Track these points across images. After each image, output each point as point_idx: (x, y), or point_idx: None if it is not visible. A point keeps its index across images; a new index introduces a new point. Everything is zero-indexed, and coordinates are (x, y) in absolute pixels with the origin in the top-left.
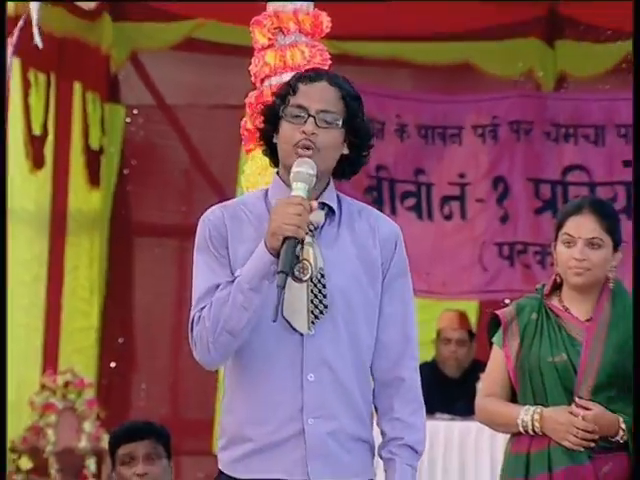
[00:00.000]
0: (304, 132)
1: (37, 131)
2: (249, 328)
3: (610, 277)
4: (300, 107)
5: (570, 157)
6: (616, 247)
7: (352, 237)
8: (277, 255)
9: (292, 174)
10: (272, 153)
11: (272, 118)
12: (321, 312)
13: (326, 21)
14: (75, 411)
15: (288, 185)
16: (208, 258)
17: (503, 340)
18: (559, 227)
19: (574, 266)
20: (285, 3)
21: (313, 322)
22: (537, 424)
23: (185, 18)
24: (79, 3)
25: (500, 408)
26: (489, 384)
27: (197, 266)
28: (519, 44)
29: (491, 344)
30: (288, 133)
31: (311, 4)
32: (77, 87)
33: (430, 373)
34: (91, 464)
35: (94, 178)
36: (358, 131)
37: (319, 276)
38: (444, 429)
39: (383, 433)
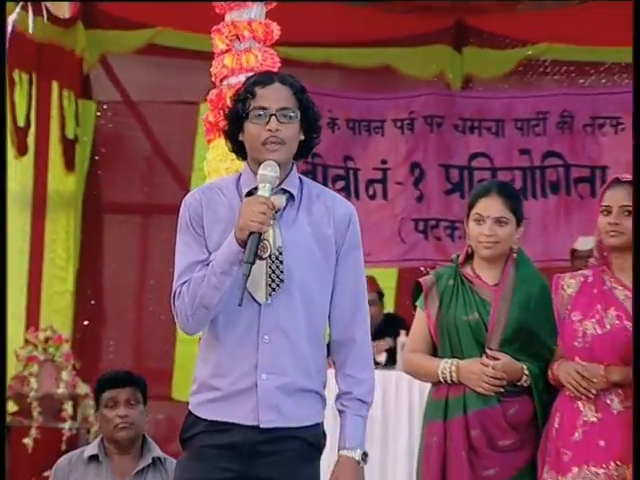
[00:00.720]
0: (270, 130)
1: (21, 123)
2: (220, 303)
3: (514, 248)
4: (262, 108)
5: (475, 146)
6: (519, 223)
7: (309, 218)
8: (244, 245)
9: (259, 175)
10: (238, 149)
11: (236, 120)
12: (278, 285)
13: (276, 29)
14: (54, 362)
15: (255, 172)
16: (187, 238)
17: (425, 303)
18: (470, 207)
19: (484, 241)
20: (241, 13)
21: (270, 294)
22: (454, 374)
23: (147, 26)
24: (56, 12)
25: (423, 361)
26: (414, 341)
27: (178, 245)
28: (432, 50)
29: (415, 307)
30: (255, 132)
31: (263, 14)
32: (55, 85)
33: None
34: (68, 407)
35: (69, 163)
36: (310, 119)
37: (277, 254)
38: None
39: (338, 388)
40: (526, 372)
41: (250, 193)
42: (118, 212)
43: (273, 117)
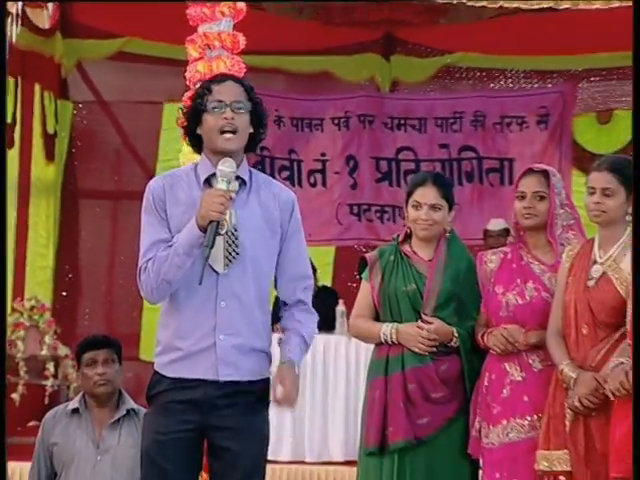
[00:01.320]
0: (226, 118)
1: (8, 120)
2: (181, 279)
3: (447, 229)
4: (219, 101)
5: (401, 141)
6: (450, 208)
7: (258, 201)
8: (204, 230)
9: (218, 171)
10: (195, 143)
11: (195, 115)
12: (234, 257)
13: (242, 40)
14: (38, 328)
15: (212, 162)
16: (152, 218)
17: (369, 276)
18: (409, 195)
19: (421, 224)
20: (212, 26)
21: (227, 265)
22: (394, 336)
23: (117, 36)
24: (37, 23)
25: (367, 325)
26: (359, 308)
27: (143, 225)
28: (364, 58)
29: (360, 279)
30: (213, 122)
31: (231, 27)
32: (37, 88)
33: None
34: (50, 367)
35: (50, 155)
36: (259, 114)
37: (233, 230)
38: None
39: (286, 328)
40: (455, 335)
41: (207, 180)
42: (92, 198)
43: (228, 108)
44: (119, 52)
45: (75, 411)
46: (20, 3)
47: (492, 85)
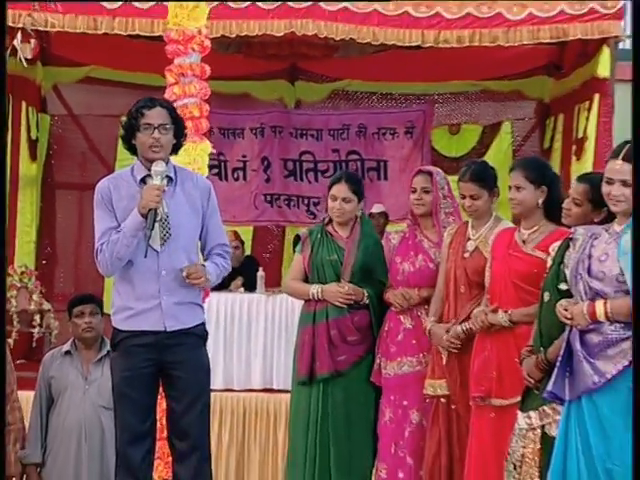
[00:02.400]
0: (154, 138)
1: None
2: (130, 255)
3: (358, 214)
4: (148, 124)
5: (304, 147)
6: (360, 200)
7: (183, 191)
8: (145, 217)
9: (152, 171)
10: (130, 148)
11: (130, 131)
12: (168, 237)
13: (207, 69)
14: (27, 288)
15: (145, 166)
16: (102, 212)
17: (302, 249)
18: (329, 189)
19: (336, 212)
20: (184, 59)
21: (163, 243)
22: (320, 294)
23: (84, 65)
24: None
25: (299, 286)
26: (293, 273)
27: (96, 217)
28: (275, 83)
29: (294, 252)
30: (144, 139)
31: (199, 59)
32: (23, 104)
33: None
34: (37, 318)
35: (33, 156)
36: (179, 129)
37: (165, 217)
38: (239, 300)
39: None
40: (366, 294)
41: (143, 179)
42: (65, 189)
43: (156, 130)
44: (86, 77)
45: (67, 352)
46: (18, 38)
47: (372, 104)
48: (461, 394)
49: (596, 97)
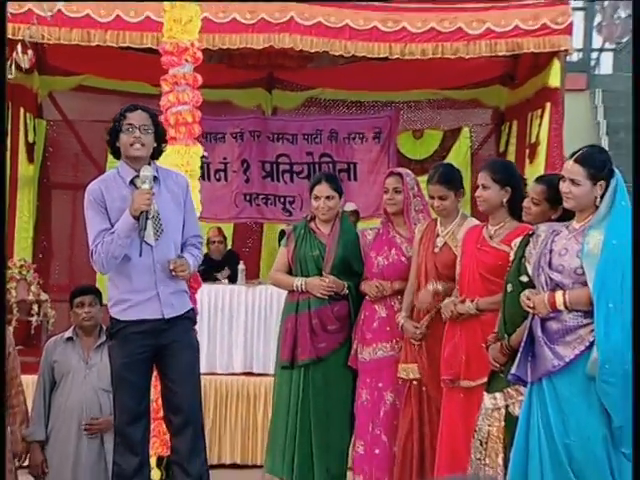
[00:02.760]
0: (135, 137)
1: None
2: (124, 254)
3: (339, 212)
4: (130, 124)
5: (280, 150)
6: (340, 196)
7: (167, 189)
8: (137, 219)
9: (141, 176)
10: (114, 152)
11: (114, 133)
12: (160, 233)
13: (200, 78)
14: (26, 280)
15: (130, 166)
16: (94, 214)
17: (287, 243)
18: (311, 190)
19: (320, 210)
20: (179, 69)
21: (156, 239)
22: (304, 286)
23: (77, 74)
24: (22, 64)
25: (284, 277)
26: (278, 266)
27: (89, 219)
28: (254, 91)
29: (279, 246)
30: (126, 139)
31: (192, 70)
32: (21, 110)
33: (204, 259)
34: (35, 307)
35: (30, 158)
36: (160, 133)
37: (156, 214)
38: (221, 290)
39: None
40: (346, 285)
41: (132, 181)
42: (59, 189)
43: (137, 130)
44: (79, 85)
45: (69, 339)
46: (18, 50)
47: (342, 111)
48: (431, 377)
49: (548, 105)
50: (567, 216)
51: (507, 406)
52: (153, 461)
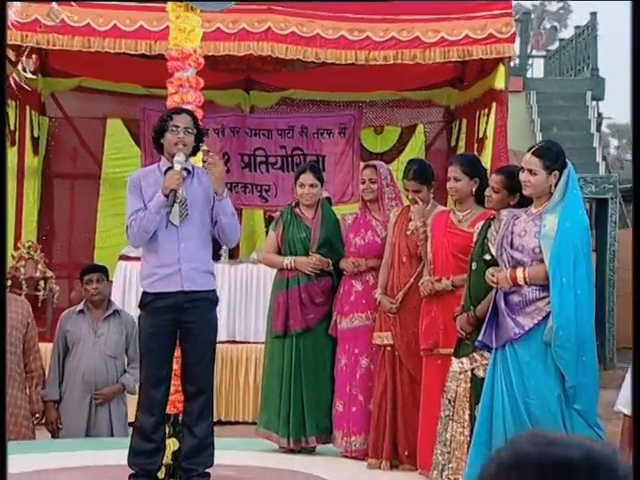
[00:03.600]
0: (179, 138)
1: (12, 128)
2: (154, 229)
3: (320, 199)
4: (176, 126)
5: (257, 144)
6: (322, 184)
7: (198, 181)
8: (167, 197)
9: (175, 161)
10: (158, 147)
11: (160, 131)
12: (185, 215)
13: (201, 81)
14: (34, 259)
15: (169, 161)
16: (132, 196)
17: (275, 227)
18: (296, 178)
19: (305, 196)
20: (183, 73)
21: (181, 220)
22: (293, 264)
23: (76, 76)
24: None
25: (274, 257)
26: (268, 247)
27: (128, 200)
28: (234, 92)
29: (266, 232)
30: (170, 138)
31: (194, 73)
32: (27, 108)
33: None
34: (42, 283)
35: (35, 150)
36: (199, 133)
37: (184, 199)
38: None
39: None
40: (330, 263)
41: (166, 170)
42: (60, 178)
43: (182, 131)
44: (78, 86)
45: (81, 311)
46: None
47: (312, 109)
48: (403, 345)
49: (493, 105)
50: (524, 202)
51: (473, 369)
52: None
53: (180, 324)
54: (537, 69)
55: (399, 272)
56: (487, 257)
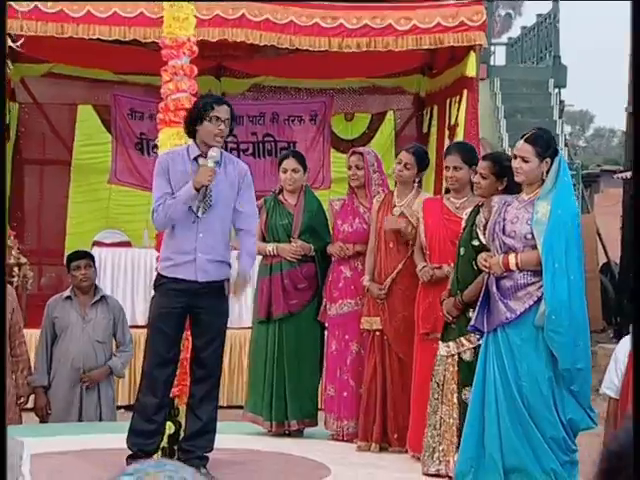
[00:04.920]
0: (220, 129)
1: None
2: (179, 218)
3: (303, 185)
4: (217, 117)
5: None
6: (304, 170)
7: (225, 173)
8: (198, 191)
9: (209, 155)
10: (190, 132)
11: (196, 117)
12: (208, 207)
13: (195, 69)
14: (8, 246)
15: (200, 149)
16: (160, 180)
17: (259, 215)
18: (279, 164)
19: (287, 182)
20: (177, 61)
21: (203, 212)
22: (276, 251)
23: (46, 62)
24: None
25: (258, 244)
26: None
27: (156, 183)
28: (205, 79)
29: None
30: (210, 128)
31: (188, 61)
32: None
33: None
34: (15, 270)
35: (6, 137)
36: (233, 124)
37: (209, 191)
38: None
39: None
40: (313, 248)
41: (195, 158)
42: (30, 164)
43: (222, 123)
44: (48, 72)
45: (68, 297)
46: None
47: (283, 96)
48: (391, 330)
49: (465, 92)
50: (512, 188)
51: (459, 353)
52: None
53: (191, 309)
54: (499, 56)
55: (386, 258)
56: (475, 243)
